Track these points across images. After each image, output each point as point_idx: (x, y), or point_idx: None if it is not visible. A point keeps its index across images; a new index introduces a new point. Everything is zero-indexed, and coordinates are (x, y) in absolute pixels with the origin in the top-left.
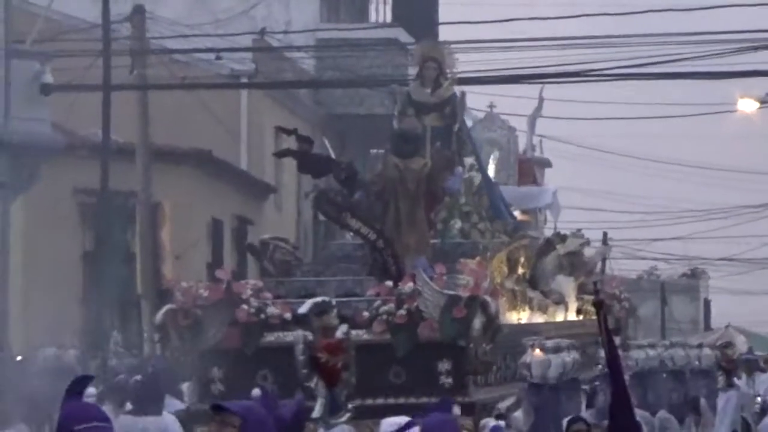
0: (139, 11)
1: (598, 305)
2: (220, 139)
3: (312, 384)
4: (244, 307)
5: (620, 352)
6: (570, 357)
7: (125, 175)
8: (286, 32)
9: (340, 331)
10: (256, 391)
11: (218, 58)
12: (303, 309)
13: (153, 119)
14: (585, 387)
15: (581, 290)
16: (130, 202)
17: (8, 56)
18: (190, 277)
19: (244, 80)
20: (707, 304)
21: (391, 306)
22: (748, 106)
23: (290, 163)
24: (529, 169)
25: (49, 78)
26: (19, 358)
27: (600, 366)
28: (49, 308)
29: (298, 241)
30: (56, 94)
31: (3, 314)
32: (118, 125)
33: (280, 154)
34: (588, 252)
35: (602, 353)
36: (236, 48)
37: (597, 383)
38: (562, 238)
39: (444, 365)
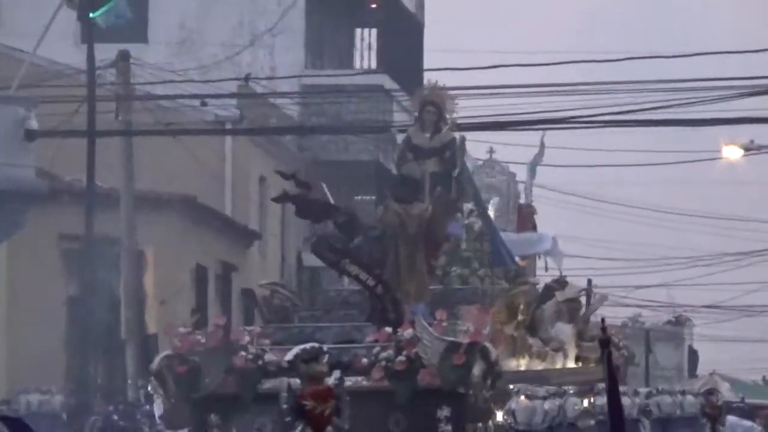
0: (123, 57)
1: (605, 343)
2: (204, 185)
3: None
4: (242, 353)
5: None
6: (549, 404)
7: (110, 220)
8: (270, 78)
9: (333, 377)
10: None
11: (203, 104)
12: (289, 356)
13: (137, 165)
14: None
15: (580, 337)
16: (115, 248)
17: None
18: (175, 323)
19: (229, 126)
20: (693, 351)
21: (390, 352)
22: (732, 153)
23: (275, 210)
24: (528, 215)
25: (33, 124)
26: None
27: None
28: (33, 354)
29: None
30: (41, 140)
31: None
32: (102, 171)
33: (279, 199)
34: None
35: (600, 401)
36: (221, 94)
37: None
38: (561, 285)
39: (443, 412)
